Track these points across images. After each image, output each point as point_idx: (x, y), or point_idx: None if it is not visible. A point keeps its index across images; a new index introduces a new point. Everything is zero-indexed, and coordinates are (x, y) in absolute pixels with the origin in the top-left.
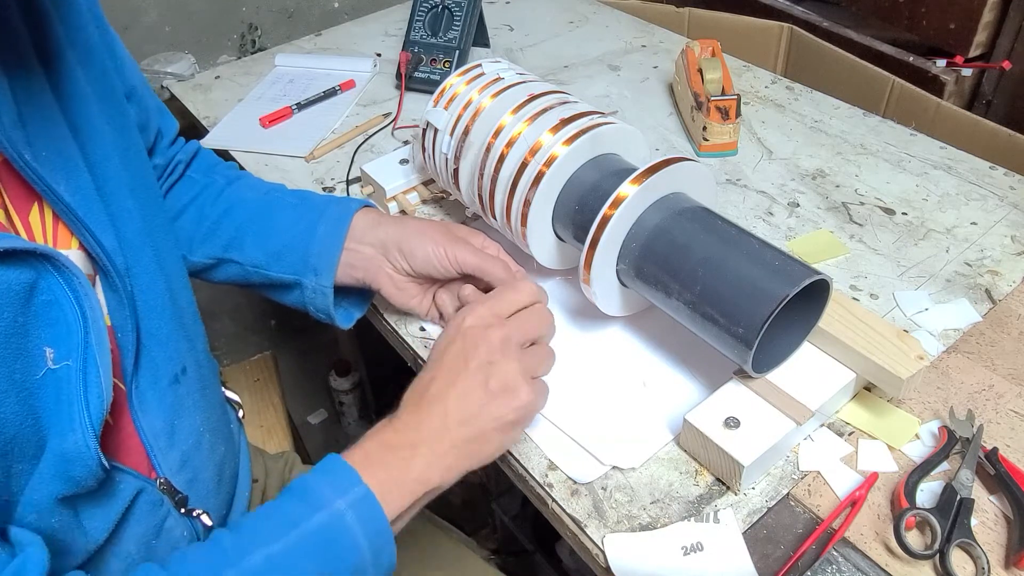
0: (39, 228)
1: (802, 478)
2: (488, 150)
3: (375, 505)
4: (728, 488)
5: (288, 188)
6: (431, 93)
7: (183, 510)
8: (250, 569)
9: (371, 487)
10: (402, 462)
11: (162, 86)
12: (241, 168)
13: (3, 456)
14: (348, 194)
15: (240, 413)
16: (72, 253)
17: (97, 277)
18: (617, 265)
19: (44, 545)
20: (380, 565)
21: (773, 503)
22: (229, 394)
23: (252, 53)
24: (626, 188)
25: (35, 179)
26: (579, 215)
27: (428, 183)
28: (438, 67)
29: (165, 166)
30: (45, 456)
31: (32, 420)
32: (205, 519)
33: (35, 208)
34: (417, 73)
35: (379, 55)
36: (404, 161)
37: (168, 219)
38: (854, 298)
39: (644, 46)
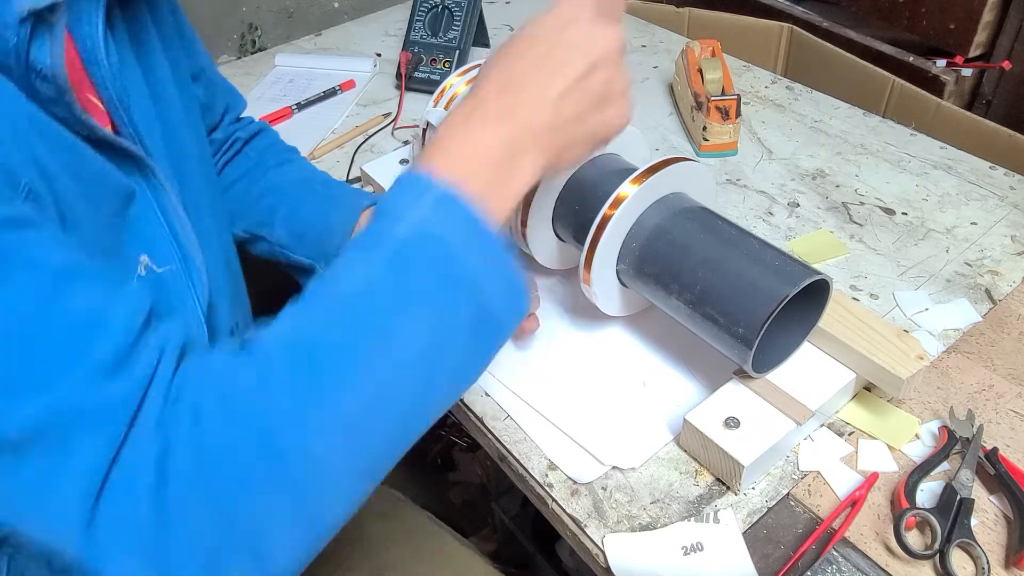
0: None
1: (802, 478)
2: None
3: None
4: (728, 488)
5: (329, 177)
6: (431, 93)
7: None
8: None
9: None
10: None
11: None
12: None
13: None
14: None
15: None
16: None
17: None
18: (617, 265)
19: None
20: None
21: (773, 503)
22: None
23: (252, 53)
24: (626, 188)
25: (132, 134)
26: (579, 215)
27: None
28: (438, 67)
29: (224, 141)
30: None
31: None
32: None
33: None
34: (417, 73)
35: (379, 55)
36: (404, 161)
37: (221, 191)
38: (854, 298)
39: (644, 46)
